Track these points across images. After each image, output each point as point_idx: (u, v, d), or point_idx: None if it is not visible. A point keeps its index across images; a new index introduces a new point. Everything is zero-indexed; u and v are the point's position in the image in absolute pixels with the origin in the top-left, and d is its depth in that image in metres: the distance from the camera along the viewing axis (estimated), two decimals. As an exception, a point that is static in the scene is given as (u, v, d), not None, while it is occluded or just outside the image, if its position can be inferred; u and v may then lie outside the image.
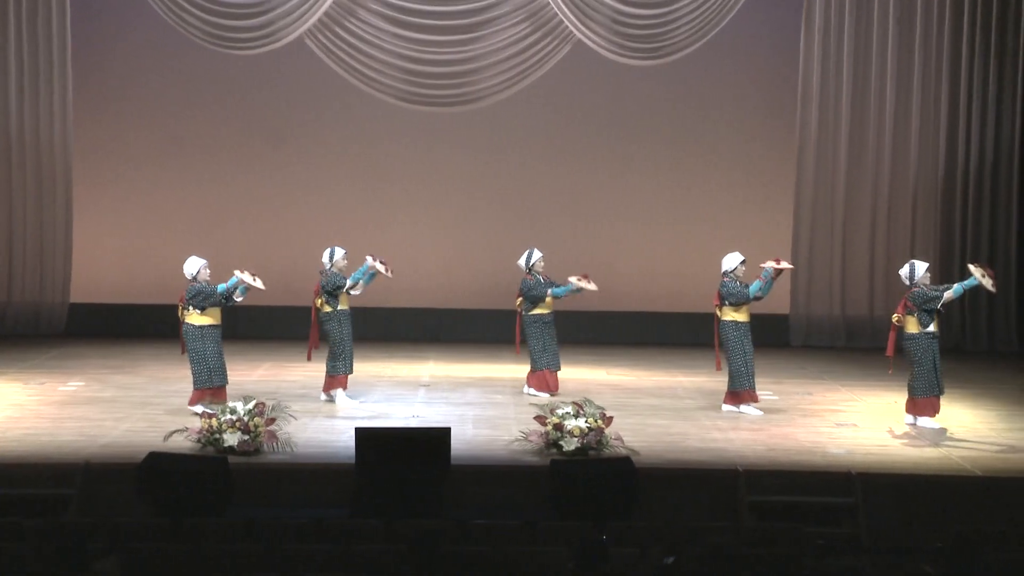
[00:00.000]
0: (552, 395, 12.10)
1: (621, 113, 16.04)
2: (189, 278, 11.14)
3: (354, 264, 11.93)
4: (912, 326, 10.95)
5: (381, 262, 11.81)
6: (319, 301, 11.78)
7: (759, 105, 15.99)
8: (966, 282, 10.97)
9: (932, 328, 10.92)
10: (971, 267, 11.15)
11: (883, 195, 15.85)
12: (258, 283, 11.25)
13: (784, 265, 11.66)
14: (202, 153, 16.03)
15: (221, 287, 11.15)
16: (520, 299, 12.37)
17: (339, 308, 11.75)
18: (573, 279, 12.30)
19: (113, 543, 7.47)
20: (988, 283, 11.00)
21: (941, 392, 11.03)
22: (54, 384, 12.55)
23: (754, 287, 11.48)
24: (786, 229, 15.90)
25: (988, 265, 11.86)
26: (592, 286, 12.30)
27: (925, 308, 10.87)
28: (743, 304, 11.49)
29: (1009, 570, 7.21)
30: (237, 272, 11.24)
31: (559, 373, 12.42)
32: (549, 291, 12.27)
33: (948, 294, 10.92)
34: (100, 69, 15.93)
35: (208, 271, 11.20)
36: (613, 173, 16.11)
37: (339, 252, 11.82)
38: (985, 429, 11.10)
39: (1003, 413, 11.82)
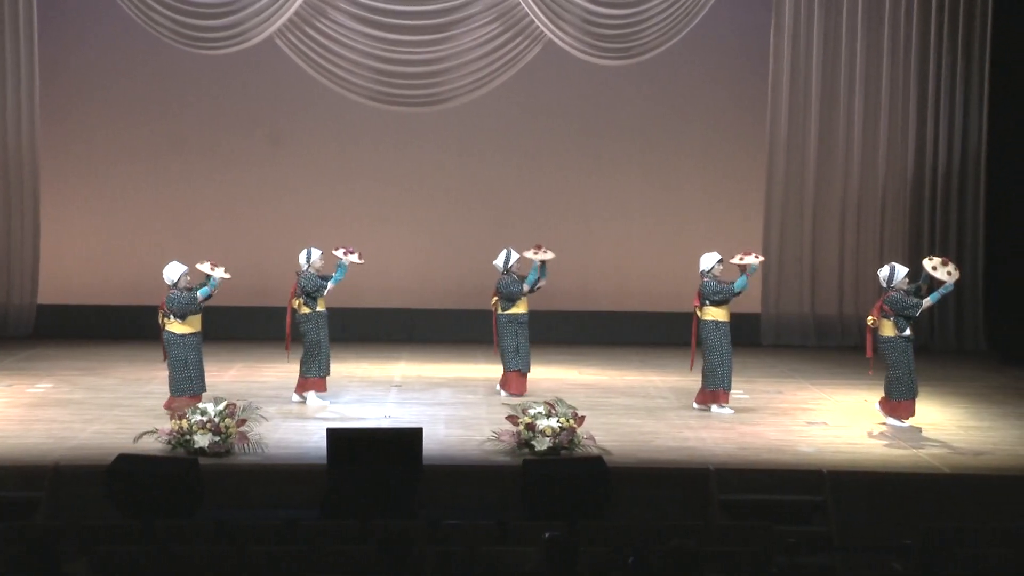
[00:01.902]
0: (520, 395, 12.12)
1: (593, 113, 16.07)
2: (169, 284, 11.03)
3: (327, 265, 11.87)
4: (888, 329, 11.00)
5: (348, 252, 11.79)
6: (297, 302, 11.73)
7: (730, 105, 16.06)
8: (942, 289, 11.00)
9: (908, 332, 10.99)
10: (927, 265, 11.14)
11: (852, 195, 15.96)
12: (219, 272, 11.11)
13: (758, 258, 11.67)
14: (171, 153, 15.94)
15: (204, 291, 11.03)
16: (496, 298, 12.35)
17: (317, 310, 11.71)
18: (528, 254, 12.29)
19: (83, 546, 7.43)
20: (956, 276, 11.03)
21: (916, 395, 11.10)
22: (22, 386, 12.45)
23: (739, 283, 11.50)
24: (757, 228, 15.97)
25: (945, 257, 11.86)
26: (549, 254, 12.31)
27: (903, 315, 10.94)
28: (727, 302, 11.49)
29: (977, 567, 7.27)
30: (198, 266, 11.14)
31: (529, 375, 12.40)
32: (525, 284, 12.27)
33: (927, 302, 10.99)
34: (67, 68, 15.82)
35: (189, 278, 11.09)
36: (585, 172, 16.14)
37: (316, 253, 11.76)
38: (954, 427, 11.18)
39: (971, 411, 11.91)
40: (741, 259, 11.55)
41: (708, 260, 11.59)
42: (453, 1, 15.42)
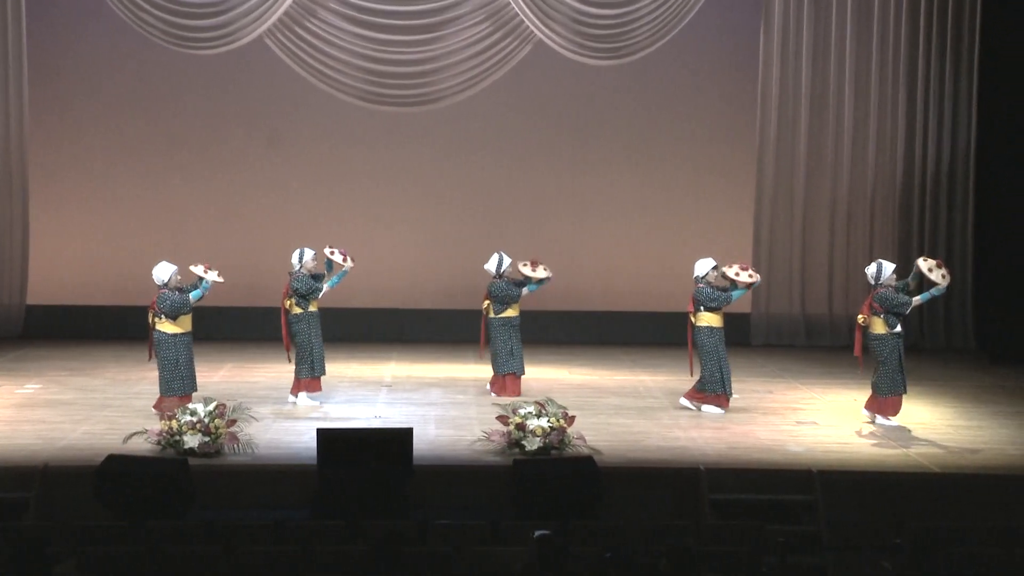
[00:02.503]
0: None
1: (583, 113, 16.08)
2: (160, 285, 11.00)
3: (319, 265, 11.86)
4: (879, 327, 11.02)
5: (341, 252, 11.80)
6: (289, 303, 11.71)
7: (720, 105, 16.07)
8: (933, 290, 11.03)
9: (898, 328, 11.01)
10: (923, 265, 11.13)
11: (842, 195, 15.99)
12: (212, 275, 11.09)
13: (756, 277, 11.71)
14: (162, 153, 15.91)
15: (196, 293, 11.02)
16: (488, 302, 12.33)
17: (309, 310, 11.69)
18: (524, 268, 12.28)
19: (72, 547, 7.41)
20: (947, 281, 11.05)
21: (904, 391, 11.12)
22: (11, 387, 12.42)
23: (736, 293, 11.50)
24: (747, 228, 15.99)
25: (939, 259, 11.80)
26: (547, 273, 12.32)
27: (893, 312, 10.95)
28: (721, 308, 11.49)
29: (966, 566, 7.29)
30: (192, 268, 11.13)
31: (522, 377, 12.40)
32: (525, 288, 12.26)
33: (916, 300, 11.01)
34: (57, 68, 15.78)
35: (179, 277, 11.07)
36: (576, 172, 16.15)
37: (308, 254, 11.73)
38: (943, 426, 11.21)
39: (961, 410, 11.94)
40: (738, 275, 11.51)
41: (703, 266, 11.57)
42: (443, 1, 15.42)
